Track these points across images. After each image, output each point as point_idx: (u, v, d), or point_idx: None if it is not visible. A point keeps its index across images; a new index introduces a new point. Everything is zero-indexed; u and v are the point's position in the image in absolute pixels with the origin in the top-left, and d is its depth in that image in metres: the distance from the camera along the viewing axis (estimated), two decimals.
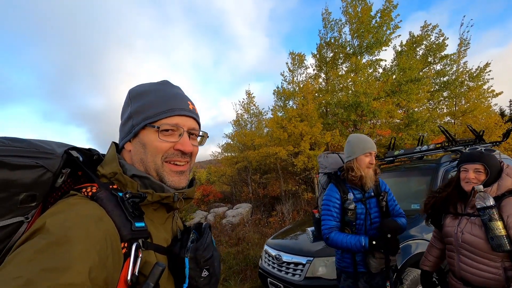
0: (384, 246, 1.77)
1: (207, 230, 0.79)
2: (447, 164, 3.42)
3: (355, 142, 2.01)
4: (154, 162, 0.70)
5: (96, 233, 0.53)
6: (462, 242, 1.62)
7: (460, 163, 1.72)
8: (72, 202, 0.59)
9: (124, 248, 0.58)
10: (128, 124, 0.73)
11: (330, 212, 1.96)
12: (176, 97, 0.73)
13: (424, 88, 10.47)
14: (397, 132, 10.09)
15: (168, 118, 0.70)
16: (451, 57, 12.04)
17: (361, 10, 10.31)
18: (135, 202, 0.63)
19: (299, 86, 11.00)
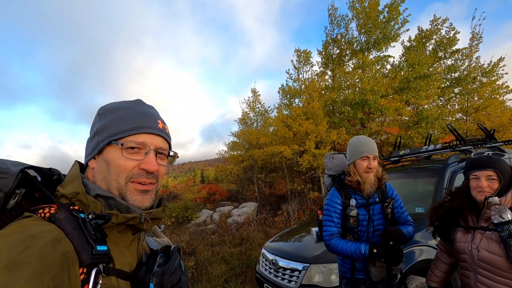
0: (385, 255, 1.67)
1: (176, 253, 0.76)
2: (455, 164, 3.25)
3: (353, 145, 1.92)
4: (117, 181, 0.67)
5: (51, 256, 0.50)
6: (478, 260, 1.44)
7: (468, 170, 1.55)
8: (25, 224, 0.54)
9: (82, 274, 0.55)
10: (93, 141, 0.71)
11: (331, 218, 1.88)
12: (145, 115, 0.72)
13: (434, 84, 10.14)
14: (406, 130, 9.81)
15: (135, 135, 0.68)
16: (463, 52, 11.63)
17: (369, 5, 10.06)
18: (98, 224, 0.60)
19: (305, 84, 10.82)
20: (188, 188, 16.29)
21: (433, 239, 1.78)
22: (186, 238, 7.54)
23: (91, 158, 0.71)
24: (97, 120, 0.73)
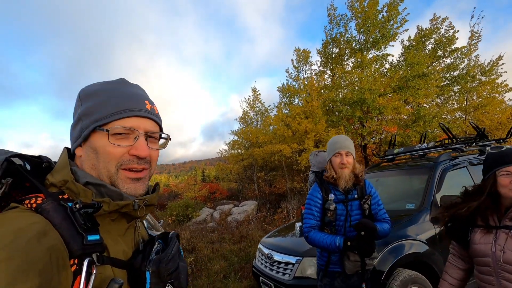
0: (357, 246, 1.75)
1: (174, 239, 0.74)
2: (446, 162, 3.33)
3: (329, 144, 2.05)
4: (107, 169, 0.63)
5: (37, 250, 0.48)
6: (504, 262, 1.31)
7: (497, 166, 1.40)
8: (10, 216, 0.52)
9: (74, 265, 0.53)
10: (77, 128, 0.66)
11: (311, 211, 1.98)
12: (131, 97, 0.67)
13: (433, 83, 10.19)
14: (404, 129, 9.88)
15: (121, 120, 0.64)
16: (462, 51, 11.67)
17: (368, 4, 10.12)
18: (88, 213, 0.57)
19: (304, 83, 10.91)
20: (189, 187, 16.39)
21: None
22: (187, 236, 7.65)
23: (77, 146, 0.67)
24: (78, 104, 0.67)
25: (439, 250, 2.69)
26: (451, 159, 3.42)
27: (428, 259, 2.59)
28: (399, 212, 2.93)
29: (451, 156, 3.47)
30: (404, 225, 2.70)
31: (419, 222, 2.76)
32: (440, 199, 2.85)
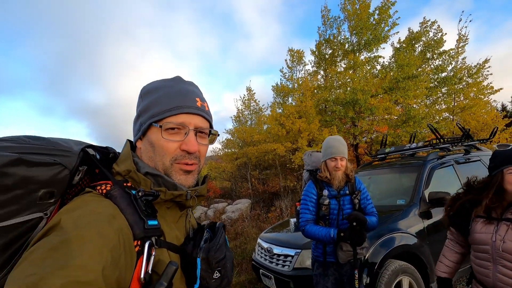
0: (349, 236, 1.93)
1: (221, 230, 0.78)
2: (434, 161, 3.55)
3: (324, 146, 2.20)
4: (162, 162, 0.69)
5: (109, 231, 0.54)
6: (503, 251, 1.42)
7: (505, 164, 1.47)
8: (86, 199, 0.59)
9: (137, 246, 0.58)
10: (137, 123, 0.73)
11: (307, 206, 2.15)
12: (184, 94, 0.71)
13: (422, 84, 10.53)
14: (394, 129, 10.18)
15: (173, 116, 0.68)
16: (450, 53, 12.06)
17: (360, 7, 10.36)
18: (148, 200, 0.63)
19: (298, 83, 11.10)
20: None
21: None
22: None
23: (138, 139, 0.73)
24: (139, 101, 0.74)
25: (427, 242, 2.89)
26: (438, 158, 3.63)
27: (417, 251, 2.79)
28: (391, 207, 3.13)
29: (438, 155, 3.69)
30: (395, 219, 2.89)
31: (409, 217, 2.96)
32: (428, 195, 3.06)
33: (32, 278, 0.43)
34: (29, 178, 0.54)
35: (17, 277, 0.44)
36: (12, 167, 0.52)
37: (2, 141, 0.59)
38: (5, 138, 0.61)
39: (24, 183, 0.54)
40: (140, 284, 0.56)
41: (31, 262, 0.46)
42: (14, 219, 0.55)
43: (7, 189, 0.53)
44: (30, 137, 0.64)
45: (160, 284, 0.55)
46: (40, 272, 0.44)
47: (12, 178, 0.52)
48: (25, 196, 0.55)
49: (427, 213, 3.05)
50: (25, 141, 0.61)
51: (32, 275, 0.43)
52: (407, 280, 2.64)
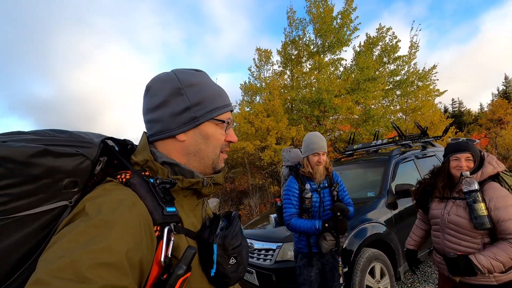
0: (334, 226, 2.05)
1: (236, 218, 0.81)
2: (397, 156, 3.87)
3: (306, 142, 2.29)
4: (214, 153, 0.76)
5: (130, 217, 0.57)
6: (448, 222, 1.75)
7: (450, 153, 1.80)
8: (108, 188, 0.62)
9: (157, 231, 0.61)
10: (184, 115, 0.72)
11: (290, 200, 2.23)
12: (223, 92, 0.80)
13: (380, 86, 11.33)
14: (356, 128, 10.82)
15: (226, 113, 0.78)
16: (403, 59, 13.13)
17: (324, 10, 10.80)
18: (165, 188, 0.66)
19: (266, 82, 11.26)
20: None
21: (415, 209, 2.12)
22: None
23: (182, 132, 0.73)
24: (180, 93, 0.72)
25: (394, 230, 3.16)
26: (401, 153, 3.97)
27: (386, 238, 3.03)
28: (362, 199, 3.35)
29: (401, 151, 4.04)
30: (367, 211, 3.11)
31: (378, 208, 3.20)
32: (395, 187, 3.33)
33: (62, 260, 0.46)
34: (55, 168, 0.58)
35: (48, 259, 0.48)
36: (40, 158, 0.56)
37: (28, 134, 0.63)
38: (31, 131, 0.65)
39: (50, 172, 0.57)
40: (160, 267, 0.59)
41: (60, 245, 0.49)
42: (42, 207, 0.58)
43: (36, 178, 0.56)
44: (54, 130, 0.67)
45: (179, 267, 0.58)
46: (69, 254, 0.47)
47: (40, 168, 0.56)
48: (52, 185, 0.58)
49: (394, 204, 3.32)
50: (50, 134, 0.65)
51: (61, 257, 0.47)
52: (379, 266, 2.86)
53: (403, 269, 3.18)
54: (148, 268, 0.58)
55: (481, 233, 1.63)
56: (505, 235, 1.54)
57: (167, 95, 0.72)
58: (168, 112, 0.72)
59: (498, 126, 19.62)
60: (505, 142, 16.82)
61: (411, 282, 3.60)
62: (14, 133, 0.63)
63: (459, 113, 37.74)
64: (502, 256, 1.50)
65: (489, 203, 1.61)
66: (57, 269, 0.45)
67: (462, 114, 37.41)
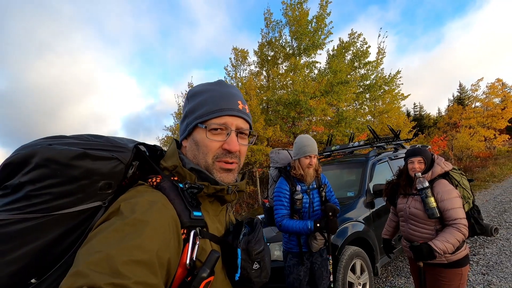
0: (326, 226, 2.12)
1: (259, 225, 0.82)
2: (374, 157, 4.08)
3: (298, 145, 2.33)
4: (205, 160, 0.74)
5: (161, 217, 0.60)
6: (409, 214, 2.13)
7: (407, 157, 2.19)
8: (140, 190, 0.65)
9: (183, 234, 0.64)
10: (184, 123, 0.79)
11: (282, 202, 2.27)
12: (227, 97, 0.76)
13: (351, 89, 11.83)
14: (329, 129, 11.19)
15: (218, 118, 0.73)
16: (372, 64, 13.83)
17: (299, 14, 11.02)
18: (193, 193, 0.68)
19: (242, 82, 11.26)
20: None
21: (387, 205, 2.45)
22: None
23: (184, 138, 0.79)
24: (186, 103, 0.80)
25: (372, 228, 3.33)
26: (376, 155, 4.19)
27: (365, 235, 3.19)
28: (343, 199, 3.49)
29: (376, 152, 4.26)
30: (347, 210, 3.24)
31: (358, 207, 3.36)
32: (372, 187, 3.52)
33: (99, 255, 0.49)
34: (93, 170, 0.61)
35: (85, 253, 0.51)
36: (79, 160, 0.60)
37: (69, 138, 0.67)
38: (73, 136, 0.69)
39: (88, 174, 0.61)
40: (185, 269, 0.61)
41: (97, 241, 0.52)
42: (80, 206, 0.62)
43: (75, 179, 0.60)
44: (91, 135, 0.71)
45: (203, 270, 0.60)
46: (105, 249, 0.50)
47: (79, 170, 0.60)
48: (89, 186, 0.62)
49: (372, 203, 3.50)
50: (88, 139, 0.69)
51: (98, 252, 0.50)
52: (360, 263, 3.01)
53: (380, 264, 3.36)
54: (174, 269, 0.60)
55: (434, 222, 2.00)
56: (450, 221, 1.92)
57: (183, 107, 0.83)
58: (180, 122, 0.83)
59: (454, 129, 21.36)
60: (460, 144, 18.36)
61: (385, 276, 3.82)
62: (57, 137, 0.68)
63: (420, 116, 40.51)
64: (451, 238, 1.85)
65: (437, 196, 1.97)
66: (94, 262, 0.48)
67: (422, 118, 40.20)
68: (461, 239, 1.87)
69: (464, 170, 13.67)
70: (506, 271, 3.52)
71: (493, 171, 12.97)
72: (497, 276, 3.44)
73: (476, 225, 2.06)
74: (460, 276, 1.96)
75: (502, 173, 12.70)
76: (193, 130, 0.76)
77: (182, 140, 0.80)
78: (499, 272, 3.52)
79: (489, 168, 13.87)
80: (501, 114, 20.35)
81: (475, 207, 2.10)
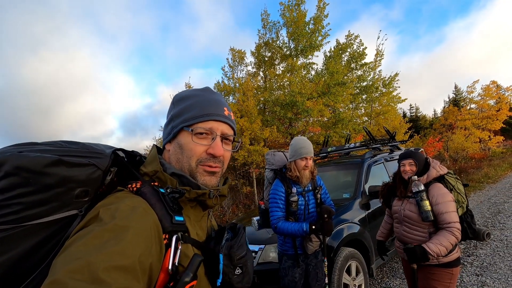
0: (321, 228, 2.12)
1: (241, 230, 0.83)
2: (369, 159, 4.10)
3: (294, 146, 2.32)
4: (188, 164, 0.74)
5: (142, 223, 0.59)
6: (404, 216, 2.16)
7: (399, 160, 2.24)
8: (120, 196, 0.65)
9: (165, 239, 0.63)
10: (169, 126, 0.78)
11: (277, 204, 2.26)
12: (213, 103, 0.77)
13: (348, 91, 11.88)
14: (326, 130, 11.22)
15: (203, 122, 0.74)
16: (369, 65, 13.90)
17: (297, 15, 11.05)
18: (174, 198, 0.68)
19: (239, 82, 11.26)
20: None
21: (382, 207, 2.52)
22: None
23: (167, 142, 0.79)
24: (172, 107, 0.80)
25: (368, 229, 3.34)
26: (372, 156, 4.21)
27: (360, 237, 3.20)
28: (339, 201, 3.50)
29: (372, 154, 4.27)
30: (343, 211, 3.25)
31: (353, 209, 3.37)
32: (368, 188, 3.53)
33: (78, 262, 0.47)
34: (68, 177, 0.59)
35: (63, 260, 0.49)
36: (53, 167, 0.58)
37: (40, 145, 0.65)
38: (45, 142, 0.67)
39: (64, 182, 0.59)
40: (167, 274, 0.61)
41: (76, 248, 0.50)
42: (54, 215, 0.60)
43: (49, 187, 0.58)
44: (67, 141, 0.69)
45: (186, 275, 0.60)
46: (84, 256, 0.48)
47: (53, 178, 0.58)
48: (64, 194, 0.60)
49: (367, 205, 3.52)
50: (62, 145, 0.67)
51: (78, 259, 0.48)
52: (355, 264, 3.01)
53: (375, 266, 3.38)
54: (156, 275, 0.59)
55: (428, 224, 2.03)
56: (444, 224, 1.94)
57: (168, 112, 0.83)
58: (164, 125, 0.82)
59: (450, 131, 21.54)
60: (455, 146, 18.51)
61: (380, 277, 3.84)
62: (27, 144, 0.65)
63: (416, 118, 40.78)
64: (444, 241, 1.88)
65: (431, 199, 2.00)
66: (73, 270, 0.46)
67: (418, 119, 40.47)
68: (454, 242, 1.90)
69: (459, 171, 13.80)
70: (500, 272, 3.55)
71: (487, 172, 13.07)
72: (491, 277, 3.47)
73: (469, 229, 2.10)
74: (451, 276, 1.99)
75: (497, 174, 12.82)
76: (178, 133, 0.76)
77: (166, 143, 0.80)
78: (493, 273, 3.55)
79: (483, 169, 13.98)
80: (496, 115, 20.60)
81: (468, 211, 2.13)
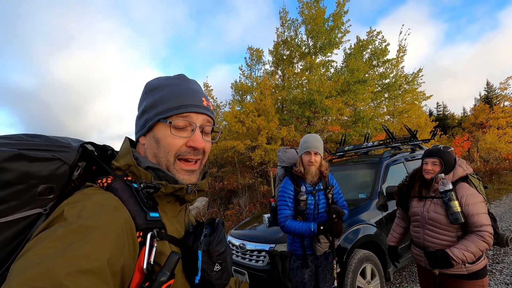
0: (329, 229, 2.04)
1: (220, 226, 0.80)
2: (388, 158, 3.93)
3: (301, 142, 2.30)
4: (166, 159, 0.70)
5: (112, 221, 0.54)
6: (428, 219, 1.96)
7: (423, 157, 2.05)
8: (88, 193, 0.59)
9: (139, 237, 0.59)
10: (142, 118, 0.73)
11: (286, 202, 2.22)
12: (190, 93, 0.73)
13: (369, 89, 11.52)
14: (345, 129, 10.95)
15: (182, 114, 0.70)
16: (392, 62, 13.40)
17: (316, 12, 10.87)
18: (149, 193, 0.64)
19: (257, 81, 11.24)
20: None
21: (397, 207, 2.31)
22: None
23: (141, 135, 0.74)
24: (144, 97, 0.74)
25: (385, 231, 3.20)
26: (391, 156, 4.04)
27: (376, 239, 3.07)
28: (354, 201, 3.38)
29: (391, 153, 4.10)
30: (359, 212, 3.14)
31: (370, 209, 3.24)
32: (386, 189, 3.38)
33: (38, 268, 0.43)
34: (29, 173, 0.55)
35: (21, 267, 0.44)
36: (13, 162, 0.53)
37: (1, 139, 0.59)
38: (4, 136, 0.61)
39: (24, 178, 0.54)
40: (142, 274, 0.57)
41: (36, 252, 0.46)
42: (15, 215, 0.55)
43: (8, 184, 0.53)
44: (28, 135, 0.64)
45: (163, 274, 0.57)
46: (45, 262, 0.44)
47: (12, 173, 0.53)
48: (26, 192, 0.55)
49: (385, 206, 3.37)
50: (24, 139, 0.61)
51: (37, 264, 0.43)
52: (370, 267, 2.90)
53: (392, 270, 3.23)
54: (130, 275, 0.56)
55: (456, 227, 1.85)
56: (474, 228, 1.76)
57: (139, 101, 0.76)
58: (136, 117, 0.76)
59: (480, 130, 20.32)
60: (487, 146, 17.43)
61: (399, 282, 3.67)
62: None
63: (443, 116, 38.87)
64: (472, 247, 1.71)
65: (461, 200, 1.82)
66: (31, 277, 0.42)
67: (446, 118, 38.55)
68: (484, 248, 1.71)
69: (490, 173, 12.97)
70: None
71: None
72: None
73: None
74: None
75: None
76: (154, 126, 0.71)
77: (140, 137, 0.75)
78: None
79: None
80: None
81: (490, 214, 1.94)
